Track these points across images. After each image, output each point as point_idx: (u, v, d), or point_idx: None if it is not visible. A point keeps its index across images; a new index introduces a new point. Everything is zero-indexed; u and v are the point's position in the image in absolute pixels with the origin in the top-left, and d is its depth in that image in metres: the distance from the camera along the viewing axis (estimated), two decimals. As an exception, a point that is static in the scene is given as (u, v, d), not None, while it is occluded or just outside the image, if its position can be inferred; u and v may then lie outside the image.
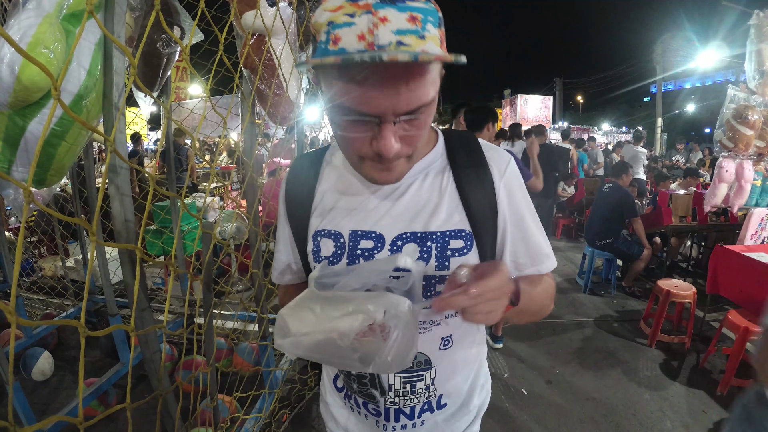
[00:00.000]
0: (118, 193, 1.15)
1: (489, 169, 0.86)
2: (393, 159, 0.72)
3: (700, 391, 2.98)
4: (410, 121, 0.69)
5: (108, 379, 2.49)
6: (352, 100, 0.66)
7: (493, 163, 0.87)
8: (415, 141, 0.73)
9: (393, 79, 0.63)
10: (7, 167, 1.28)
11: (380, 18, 0.60)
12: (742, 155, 4.12)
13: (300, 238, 0.94)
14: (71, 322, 0.68)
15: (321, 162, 0.94)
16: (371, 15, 0.60)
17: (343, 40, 0.61)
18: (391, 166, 0.74)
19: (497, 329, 3.59)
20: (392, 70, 0.63)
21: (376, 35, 0.60)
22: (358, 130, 0.70)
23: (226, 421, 2.09)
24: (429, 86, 0.67)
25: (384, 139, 0.68)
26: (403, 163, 0.76)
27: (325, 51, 0.63)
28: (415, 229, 0.83)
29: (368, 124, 0.68)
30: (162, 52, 2.26)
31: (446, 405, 0.96)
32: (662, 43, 19.77)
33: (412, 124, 0.70)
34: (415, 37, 0.61)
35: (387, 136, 0.68)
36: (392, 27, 0.60)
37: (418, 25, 0.61)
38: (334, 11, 0.62)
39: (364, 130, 0.69)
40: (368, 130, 0.69)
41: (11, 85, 1.12)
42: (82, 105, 1.24)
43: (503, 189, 0.86)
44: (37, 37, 1.11)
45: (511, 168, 0.88)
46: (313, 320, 0.65)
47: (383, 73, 0.63)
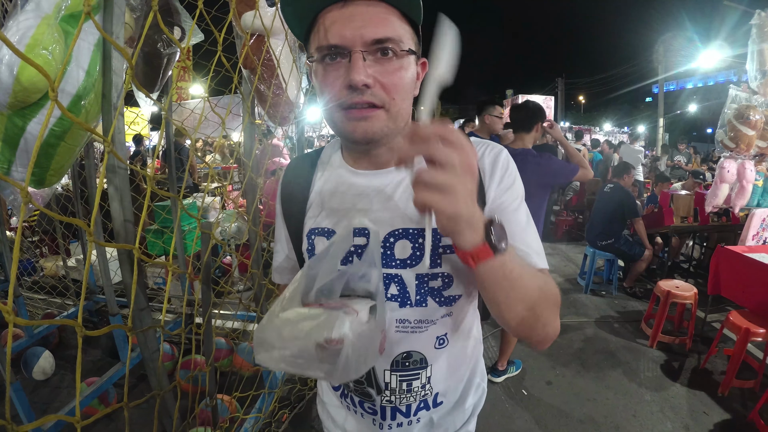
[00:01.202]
0: (117, 194, 1.15)
1: (479, 164, 0.85)
2: (365, 93, 0.73)
3: (701, 392, 2.97)
4: (381, 60, 0.73)
5: (108, 379, 2.49)
6: (324, 38, 0.73)
7: (483, 157, 0.86)
8: (388, 86, 0.74)
9: (356, 12, 0.71)
10: (7, 167, 1.28)
11: None
12: (743, 155, 4.11)
13: (296, 237, 0.95)
14: (69, 322, 0.68)
15: (316, 162, 0.96)
16: None
17: None
18: (366, 114, 0.74)
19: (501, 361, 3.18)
20: (355, 6, 0.71)
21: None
22: (334, 69, 0.74)
23: (226, 420, 2.09)
24: (397, 26, 0.74)
25: (354, 67, 0.71)
26: (382, 115, 0.75)
27: None
28: (408, 225, 0.83)
29: (341, 62, 0.73)
30: (163, 52, 2.26)
31: (442, 403, 0.96)
32: (664, 43, 19.71)
33: (383, 64, 0.73)
34: None
35: (355, 64, 0.71)
36: None
37: None
38: None
39: (338, 68, 0.73)
40: (342, 67, 0.73)
41: (10, 86, 1.12)
42: (80, 105, 1.24)
43: (492, 183, 0.84)
44: (35, 38, 1.12)
45: (502, 162, 0.86)
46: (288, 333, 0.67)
47: (348, 9, 0.71)
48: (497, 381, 3.13)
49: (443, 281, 0.85)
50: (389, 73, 0.73)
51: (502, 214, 0.83)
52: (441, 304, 0.86)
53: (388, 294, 0.85)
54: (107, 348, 3.30)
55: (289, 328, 0.67)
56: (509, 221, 0.81)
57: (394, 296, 0.85)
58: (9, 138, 1.23)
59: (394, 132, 0.79)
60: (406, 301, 0.85)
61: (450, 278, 0.85)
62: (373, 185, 0.86)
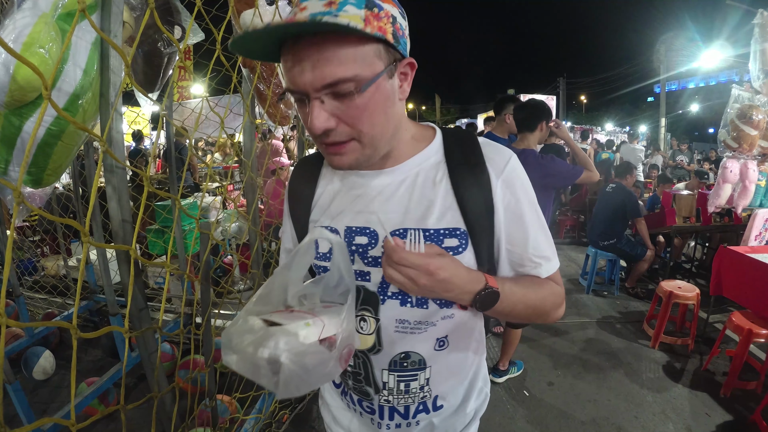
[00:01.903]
0: (115, 193, 1.15)
1: (486, 168, 0.84)
2: (327, 137, 0.74)
3: (703, 394, 2.96)
4: (340, 99, 0.71)
5: (109, 378, 2.48)
6: (287, 80, 0.73)
7: (490, 161, 0.85)
8: (355, 122, 0.73)
9: (307, 54, 0.68)
10: (4, 167, 1.28)
11: (300, 8, 0.68)
12: (746, 155, 4.09)
13: (301, 235, 0.96)
14: (64, 324, 0.67)
15: (321, 162, 0.97)
16: (296, 8, 0.69)
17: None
18: (338, 150, 0.76)
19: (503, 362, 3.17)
20: (306, 47, 0.68)
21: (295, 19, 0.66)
22: (302, 110, 0.74)
23: (226, 421, 2.09)
24: (351, 62, 0.69)
25: (311, 115, 0.71)
26: (355, 147, 0.76)
27: None
28: (409, 225, 0.83)
29: (304, 102, 0.72)
30: (163, 51, 2.25)
31: (442, 407, 0.96)
32: (666, 43, 19.69)
33: (344, 102, 0.71)
34: (329, 17, 0.65)
35: (312, 111, 0.71)
36: (308, 12, 0.66)
37: (333, 8, 0.66)
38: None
39: (304, 109, 0.73)
40: (306, 109, 0.73)
41: (6, 85, 1.11)
42: (78, 104, 1.23)
43: (501, 187, 0.84)
44: (32, 36, 1.11)
45: (511, 166, 0.86)
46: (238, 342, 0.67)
47: (299, 51, 0.68)
48: (498, 381, 3.11)
49: None
50: (351, 111, 0.72)
51: (512, 220, 0.85)
52: (442, 306, 0.86)
53: (389, 292, 0.85)
54: (108, 348, 3.30)
55: (238, 337, 0.67)
56: (520, 228, 0.85)
57: (394, 294, 0.85)
58: (6, 137, 1.23)
59: (378, 152, 0.80)
60: (406, 300, 0.85)
61: None
62: (374, 185, 0.86)
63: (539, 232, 0.87)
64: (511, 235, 0.86)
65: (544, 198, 2.77)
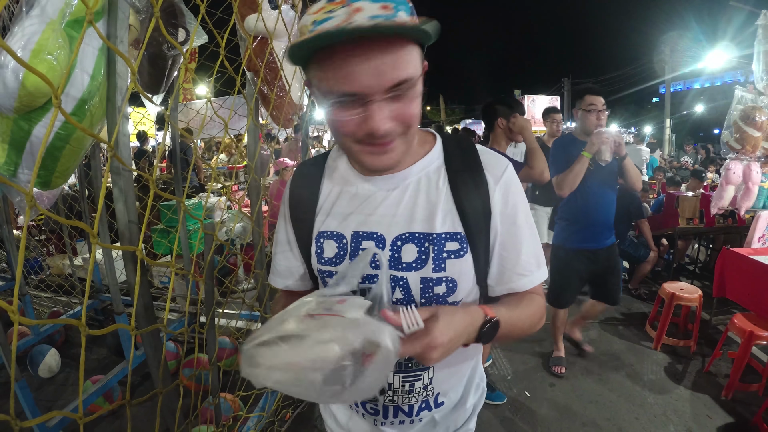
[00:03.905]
0: (122, 195, 1.17)
1: (484, 174, 0.87)
2: (386, 137, 0.74)
3: (705, 396, 2.96)
4: (396, 98, 0.72)
5: (114, 377, 2.51)
6: (337, 83, 0.69)
7: (488, 168, 0.88)
8: (406, 119, 0.75)
9: (372, 55, 0.67)
10: (14, 170, 1.30)
11: (355, 9, 0.65)
12: (749, 157, 4.09)
13: (303, 239, 0.96)
14: (73, 322, 0.69)
15: (323, 165, 0.97)
16: (348, 8, 0.65)
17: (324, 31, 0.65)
18: (386, 148, 0.77)
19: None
20: (370, 47, 0.67)
21: (351, 22, 0.65)
22: (348, 113, 0.72)
23: (229, 419, 2.11)
24: (408, 63, 0.71)
25: (373, 117, 0.71)
26: (399, 144, 0.78)
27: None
28: (414, 230, 0.85)
29: (356, 105, 0.71)
30: (168, 53, 2.27)
31: (443, 403, 0.98)
32: (670, 44, 19.63)
33: (399, 101, 0.72)
34: (387, 20, 0.66)
35: (376, 113, 0.71)
36: (366, 14, 0.65)
37: (390, 12, 0.66)
38: (317, 12, 0.68)
39: (353, 111, 0.72)
40: (357, 112, 0.72)
41: (16, 91, 1.14)
42: (85, 109, 1.26)
43: (498, 194, 0.87)
44: (40, 43, 1.13)
45: (508, 174, 0.89)
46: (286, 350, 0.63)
47: (362, 51, 0.67)
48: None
49: (447, 287, 0.86)
50: (404, 109, 0.74)
51: (507, 227, 0.88)
52: None
53: (393, 298, 0.86)
54: (113, 346, 3.33)
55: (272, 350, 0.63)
56: (513, 235, 0.88)
57: (398, 300, 0.86)
58: (15, 141, 1.26)
59: (409, 150, 0.82)
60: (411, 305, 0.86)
61: (454, 283, 0.86)
62: (381, 189, 0.88)
63: (531, 240, 0.90)
64: (504, 241, 0.89)
65: None
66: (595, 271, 3.02)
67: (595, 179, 2.81)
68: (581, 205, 2.89)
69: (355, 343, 0.60)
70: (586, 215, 2.90)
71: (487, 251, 0.89)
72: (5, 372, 2.96)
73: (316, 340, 0.61)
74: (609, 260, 3.00)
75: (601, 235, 2.94)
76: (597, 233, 2.93)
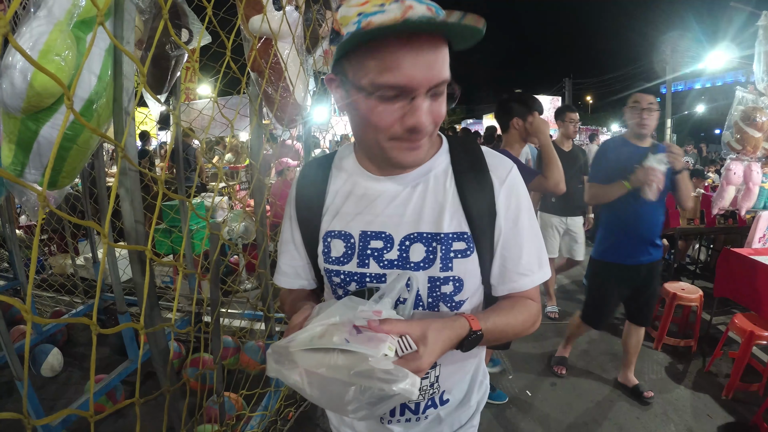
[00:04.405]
0: (128, 195, 1.18)
1: (489, 175, 0.89)
2: (423, 133, 0.76)
3: (705, 395, 2.96)
4: (434, 97, 0.74)
5: (117, 376, 2.52)
6: (385, 75, 0.70)
7: (494, 169, 0.90)
8: (438, 118, 0.78)
9: (423, 51, 0.69)
10: (20, 170, 1.31)
11: (408, 6, 0.66)
12: (750, 157, 4.09)
13: (310, 239, 0.96)
14: (84, 320, 0.70)
15: (330, 165, 0.98)
16: (400, 3, 0.66)
17: (377, 24, 0.66)
18: (417, 144, 0.79)
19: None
20: (420, 43, 0.69)
21: (409, 17, 0.65)
22: (392, 107, 0.73)
23: (233, 418, 2.12)
24: (447, 64, 0.74)
25: (420, 111, 0.73)
26: (426, 142, 0.81)
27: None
28: (422, 229, 0.86)
29: (400, 100, 0.73)
30: (171, 54, 2.29)
31: (448, 401, 0.99)
32: (671, 44, 19.61)
33: (437, 100, 0.75)
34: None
35: (422, 108, 0.73)
36: (418, 12, 0.66)
37: (433, 15, 0.68)
38: (363, 4, 0.68)
39: (396, 107, 0.73)
40: (400, 107, 0.73)
41: (24, 91, 1.15)
42: (92, 110, 1.26)
43: (503, 195, 0.89)
44: (48, 44, 1.14)
45: (513, 176, 0.90)
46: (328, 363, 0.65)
47: (414, 46, 0.68)
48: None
49: (454, 285, 0.87)
50: (439, 108, 0.76)
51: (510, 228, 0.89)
52: (452, 308, 0.89)
53: (400, 297, 0.86)
54: (115, 345, 3.33)
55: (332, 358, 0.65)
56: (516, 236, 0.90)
57: (406, 299, 0.86)
58: (22, 141, 1.26)
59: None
60: (418, 304, 0.88)
61: (461, 282, 0.88)
62: (389, 189, 0.89)
63: (533, 241, 0.92)
64: (507, 242, 0.90)
65: None
66: (634, 288, 2.77)
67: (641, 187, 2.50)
68: (623, 216, 2.63)
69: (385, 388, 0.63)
70: (628, 228, 2.64)
71: (492, 251, 0.90)
72: (8, 371, 2.97)
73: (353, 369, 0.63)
74: (648, 278, 2.73)
75: (644, 251, 2.67)
76: (639, 248, 2.66)
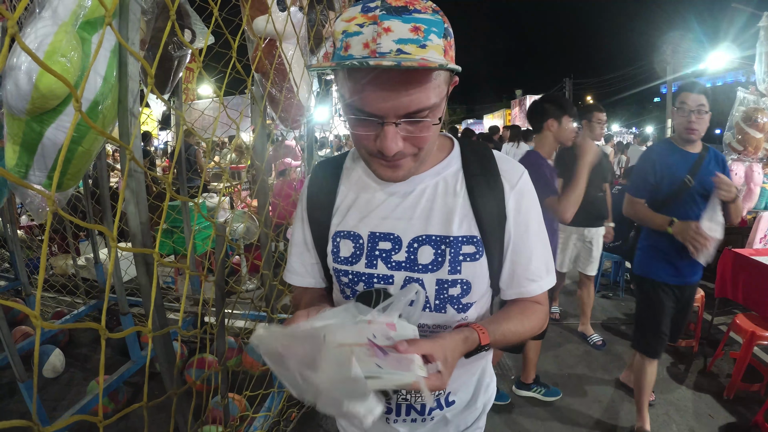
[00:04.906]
0: (134, 196, 1.17)
1: (500, 180, 0.89)
2: (397, 158, 0.77)
3: (707, 395, 2.97)
4: (413, 123, 0.74)
5: (119, 377, 2.52)
6: (358, 102, 0.73)
7: (505, 174, 0.90)
8: (419, 142, 0.77)
9: (392, 83, 0.70)
10: (25, 172, 1.31)
11: (384, 28, 0.67)
12: (751, 158, 4.10)
13: (320, 239, 0.97)
14: (93, 325, 0.70)
15: (341, 166, 0.99)
16: (376, 25, 0.67)
17: (352, 48, 0.69)
18: (397, 164, 0.79)
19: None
20: (392, 75, 0.69)
21: (378, 44, 0.67)
22: (365, 129, 0.76)
23: (236, 419, 2.12)
24: (430, 91, 0.73)
25: (385, 138, 0.74)
26: (409, 162, 0.80)
27: (338, 57, 0.72)
28: (431, 232, 0.87)
29: (372, 123, 0.74)
30: (173, 54, 2.28)
31: (454, 402, 0.99)
32: (672, 44, 19.61)
33: (415, 126, 0.75)
34: (415, 46, 0.68)
35: (388, 136, 0.73)
36: (394, 36, 0.67)
37: (420, 35, 0.68)
38: (348, 21, 0.70)
39: (369, 128, 0.75)
40: (373, 129, 0.75)
41: (29, 93, 1.14)
42: (98, 111, 1.26)
43: (513, 200, 0.89)
44: (53, 45, 1.14)
45: (524, 181, 0.91)
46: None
47: (384, 78, 0.69)
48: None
49: (462, 288, 0.88)
50: (419, 132, 0.76)
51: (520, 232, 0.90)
52: (459, 311, 0.90)
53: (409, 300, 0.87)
54: (117, 346, 3.33)
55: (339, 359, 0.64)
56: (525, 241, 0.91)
57: (413, 301, 0.86)
58: (27, 143, 1.26)
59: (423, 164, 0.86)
60: (425, 306, 0.88)
61: (468, 285, 0.88)
62: (399, 191, 0.90)
63: (542, 247, 0.93)
64: (517, 247, 0.91)
65: None
66: (677, 309, 2.45)
67: (692, 199, 2.27)
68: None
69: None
70: (677, 243, 2.23)
71: (501, 255, 0.91)
72: (10, 372, 2.97)
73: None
74: (690, 299, 2.47)
75: (693, 269, 2.37)
76: (689, 266, 2.34)
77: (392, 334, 0.72)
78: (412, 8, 0.68)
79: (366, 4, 0.69)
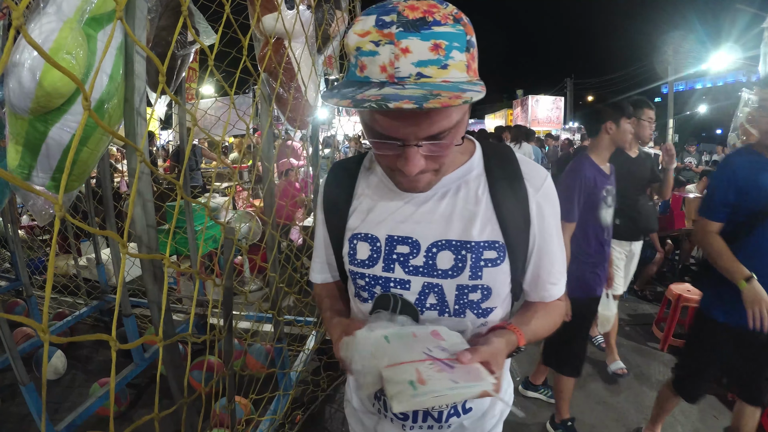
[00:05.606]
0: (140, 198, 1.15)
1: (524, 183, 0.87)
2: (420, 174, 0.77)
3: (711, 396, 2.95)
4: (435, 143, 0.72)
5: (122, 379, 2.50)
6: (378, 125, 0.71)
7: (528, 177, 0.88)
8: (440, 159, 0.77)
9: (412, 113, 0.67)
10: (28, 173, 1.28)
11: (402, 49, 0.63)
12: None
13: (337, 241, 0.97)
14: (104, 337, 0.68)
15: (359, 168, 0.98)
16: (393, 45, 0.63)
17: (368, 69, 0.66)
18: (417, 178, 0.78)
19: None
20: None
21: (396, 67, 0.64)
22: (386, 149, 0.74)
23: (241, 422, 2.09)
24: (452, 113, 0.70)
25: (407, 161, 0.73)
26: (430, 175, 0.79)
27: (353, 75, 0.69)
28: (451, 237, 0.85)
29: (394, 145, 0.73)
30: (177, 53, 2.26)
31: (471, 409, 0.97)
32: (673, 44, 19.61)
33: (437, 145, 0.73)
34: (436, 67, 0.64)
35: (410, 158, 0.72)
36: (413, 58, 0.63)
37: (441, 54, 0.64)
38: (362, 36, 0.66)
39: (391, 149, 0.74)
40: (394, 150, 0.73)
41: (33, 91, 1.12)
42: (104, 110, 1.24)
43: (537, 203, 0.87)
44: (58, 42, 1.11)
45: (547, 185, 0.89)
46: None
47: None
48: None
49: (482, 293, 0.86)
50: (441, 150, 0.74)
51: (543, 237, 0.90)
52: (479, 315, 0.88)
53: (426, 303, 0.87)
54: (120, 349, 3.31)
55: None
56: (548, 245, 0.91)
57: (432, 305, 0.87)
58: (30, 143, 1.23)
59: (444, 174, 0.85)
60: (444, 311, 0.87)
61: (489, 291, 0.86)
62: (419, 195, 0.88)
63: (560, 251, 0.93)
64: (541, 251, 0.90)
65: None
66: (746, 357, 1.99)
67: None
68: (756, 264, 1.80)
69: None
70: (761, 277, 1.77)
71: (525, 260, 0.90)
72: (11, 374, 2.95)
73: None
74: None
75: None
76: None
77: (444, 345, 0.73)
78: (431, 20, 0.64)
79: (380, 16, 0.65)
